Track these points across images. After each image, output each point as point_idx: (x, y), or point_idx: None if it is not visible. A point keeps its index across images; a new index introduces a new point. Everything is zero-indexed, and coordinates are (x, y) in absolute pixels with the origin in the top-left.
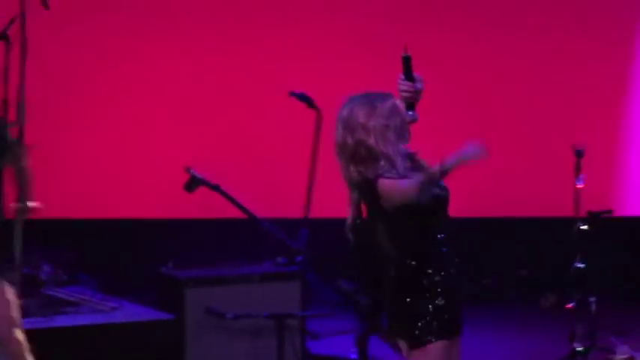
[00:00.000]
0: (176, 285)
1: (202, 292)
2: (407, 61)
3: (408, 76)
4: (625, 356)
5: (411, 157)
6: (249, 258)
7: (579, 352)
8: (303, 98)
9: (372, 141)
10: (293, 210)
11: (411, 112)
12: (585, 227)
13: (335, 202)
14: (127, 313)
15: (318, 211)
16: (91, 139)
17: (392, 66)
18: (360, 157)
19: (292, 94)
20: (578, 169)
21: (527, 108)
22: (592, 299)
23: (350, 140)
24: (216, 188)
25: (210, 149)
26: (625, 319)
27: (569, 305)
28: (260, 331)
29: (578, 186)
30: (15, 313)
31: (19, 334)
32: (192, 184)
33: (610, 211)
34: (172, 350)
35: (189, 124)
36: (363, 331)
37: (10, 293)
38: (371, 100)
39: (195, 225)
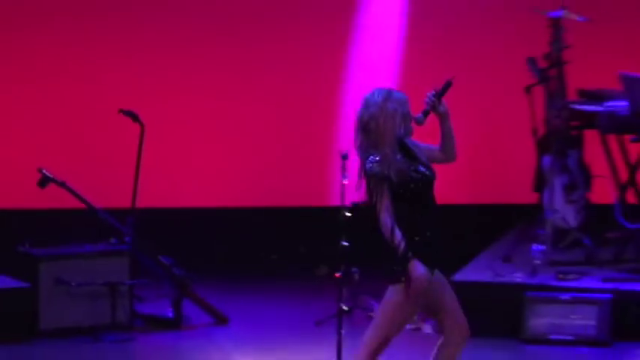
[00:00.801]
0: (32, 260)
1: (53, 266)
2: (447, 86)
3: (440, 94)
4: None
5: (405, 145)
6: (89, 239)
7: (345, 310)
8: (130, 114)
9: (381, 119)
10: (123, 201)
11: (420, 115)
12: (348, 214)
13: (156, 196)
14: None
15: (142, 203)
16: None
17: None
18: (368, 129)
19: (121, 111)
20: (343, 169)
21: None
22: (355, 270)
23: (366, 115)
24: (62, 185)
25: (56, 151)
26: (381, 286)
27: (337, 275)
28: (98, 296)
29: (344, 182)
30: None
31: None
32: (44, 181)
33: (367, 202)
34: (28, 314)
35: (40, 129)
36: (177, 295)
37: None
38: (390, 90)
39: (47, 214)
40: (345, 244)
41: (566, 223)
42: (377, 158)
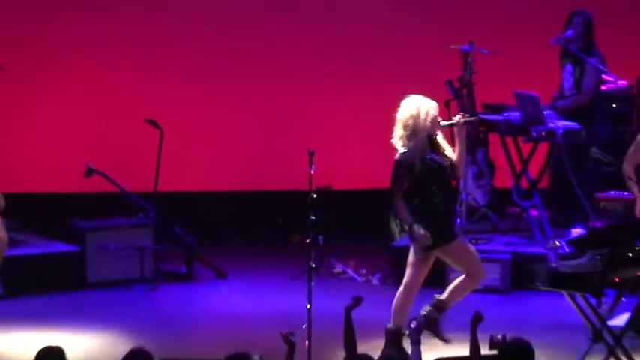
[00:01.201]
0: (80, 231)
1: (95, 235)
2: (473, 119)
3: (465, 122)
4: (339, 269)
5: (434, 140)
6: (123, 215)
7: (313, 267)
8: (152, 122)
9: (417, 119)
10: (147, 186)
11: (445, 123)
12: (315, 196)
13: (171, 182)
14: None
15: (161, 188)
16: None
17: None
18: (407, 125)
19: (146, 120)
20: (310, 163)
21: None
22: (320, 237)
23: (406, 115)
24: (103, 175)
25: (98, 148)
26: (344, 250)
27: (307, 241)
28: (129, 257)
29: (312, 172)
30: None
31: None
32: (89, 172)
33: (329, 187)
34: (78, 270)
35: (85, 132)
36: (188, 257)
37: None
38: (425, 97)
39: (90, 196)
40: (313, 217)
41: (476, 203)
42: (406, 150)
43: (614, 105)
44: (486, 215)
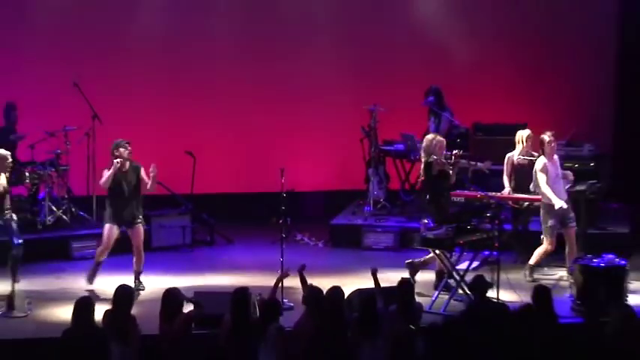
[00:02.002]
0: (147, 216)
1: (157, 218)
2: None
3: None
4: (299, 238)
5: (449, 157)
6: (173, 207)
7: (284, 237)
8: (189, 153)
9: (433, 147)
10: (186, 189)
11: (448, 153)
12: (285, 195)
13: (202, 186)
14: None
15: (195, 190)
16: None
17: None
18: (429, 151)
19: (186, 152)
20: (282, 176)
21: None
22: (288, 219)
23: (425, 143)
24: (159, 183)
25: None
26: (302, 227)
27: (280, 221)
28: (177, 230)
29: (282, 181)
30: None
31: None
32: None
33: (293, 189)
34: (146, 240)
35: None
36: (211, 230)
37: None
38: (437, 134)
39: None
40: (283, 208)
41: (379, 198)
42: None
43: (458, 139)
44: (385, 205)
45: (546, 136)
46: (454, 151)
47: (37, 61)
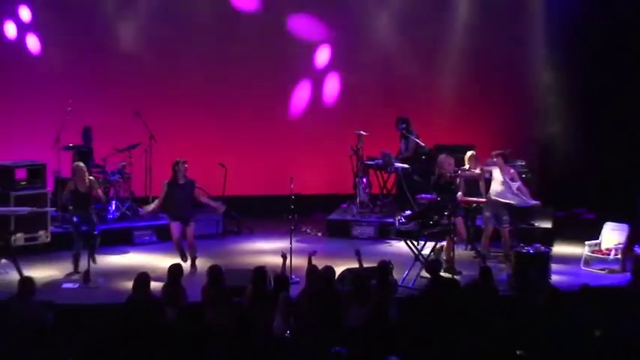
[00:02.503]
0: None
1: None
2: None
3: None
4: (305, 229)
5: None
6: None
7: (292, 228)
8: (222, 165)
9: (444, 163)
10: (218, 191)
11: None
12: (293, 197)
13: (234, 188)
14: None
15: (227, 192)
16: None
17: None
18: (439, 166)
19: (220, 164)
20: (291, 182)
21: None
22: (295, 215)
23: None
24: (200, 188)
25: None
26: (306, 221)
27: (290, 217)
28: (212, 223)
29: (292, 186)
30: None
31: None
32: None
33: (300, 193)
34: None
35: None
36: (238, 223)
37: None
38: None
39: None
40: (292, 207)
41: (363, 200)
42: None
43: (423, 157)
44: (368, 205)
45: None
46: (455, 169)
47: (107, 95)
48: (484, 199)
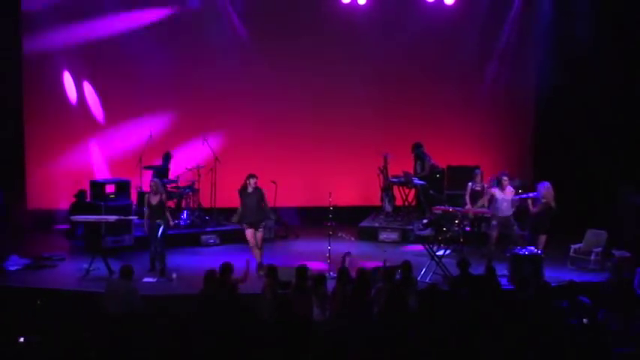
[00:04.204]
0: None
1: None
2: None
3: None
4: (340, 234)
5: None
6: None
7: (330, 234)
8: (273, 182)
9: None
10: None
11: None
12: (331, 207)
13: (284, 200)
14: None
15: (278, 204)
16: None
17: None
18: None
19: (272, 181)
20: (329, 197)
21: None
22: (333, 223)
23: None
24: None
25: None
26: (341, 228)
27: (329, 224)
28: (266, 229)
29: (330, 199)
30: None
31: None
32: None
33: (336, 204)
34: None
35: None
36: (286, 230)
37: None
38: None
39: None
40: (330, 216)
41: (388, 210)
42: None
43: (437, 175)
44: (392, 215)
45: (504, 179)
46: (485, 185)
47: (183, 124)
48: (488, 210)
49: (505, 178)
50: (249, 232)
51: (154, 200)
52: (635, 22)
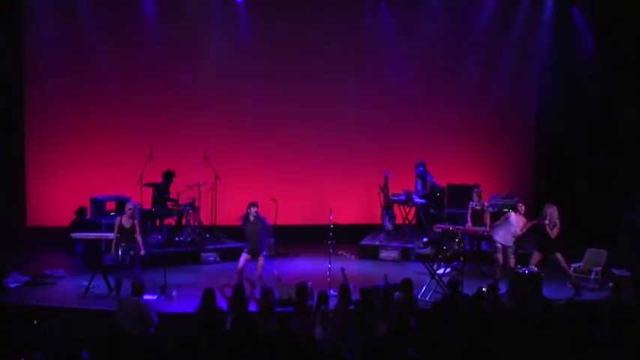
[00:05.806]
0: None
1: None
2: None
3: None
4: (341, 253)
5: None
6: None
7: (331, 251)
8: (274, 200)
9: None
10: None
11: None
12: (332, 226)
13: (284, 218)
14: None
15: (278, 222)
16: None
17: None
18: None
19: (272, 199)
20: (330, 214)
21: None
22: (333, 241)
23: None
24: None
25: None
26: (342, 246)
27: (330, 242)
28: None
29: (331, 217)
30: None
31: None
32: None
33: (336, 223)
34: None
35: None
36: (286, 250)
37: None
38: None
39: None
40: (331, 234)
41: (388, 229)
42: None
43: (438, 194)
44: (392, 233)
45: (520, 205)
46: (485, 204)
47: (185, 143)
48: (487, 229)
49: (521, 205)
50: (244, 257)
51: (127, 224)
52: (635, 39)
